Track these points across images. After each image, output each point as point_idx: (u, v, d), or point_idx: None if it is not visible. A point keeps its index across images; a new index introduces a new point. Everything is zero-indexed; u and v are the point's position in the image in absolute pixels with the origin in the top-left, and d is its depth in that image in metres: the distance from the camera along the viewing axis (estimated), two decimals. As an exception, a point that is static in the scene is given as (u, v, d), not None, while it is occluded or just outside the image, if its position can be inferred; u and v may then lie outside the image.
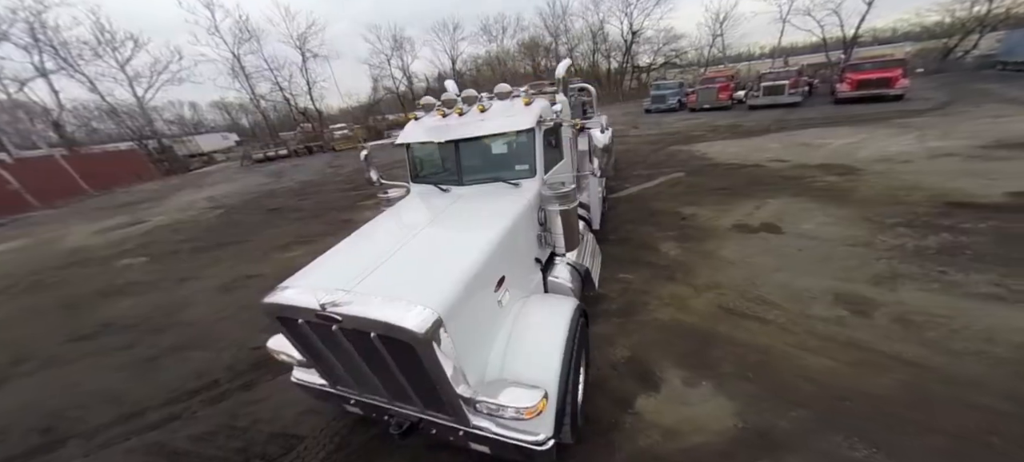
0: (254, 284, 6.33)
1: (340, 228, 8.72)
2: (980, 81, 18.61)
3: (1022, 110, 11.49)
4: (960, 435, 2.43)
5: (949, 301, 3.77)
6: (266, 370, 4.04)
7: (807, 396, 2.90)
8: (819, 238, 5.28)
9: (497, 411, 2.05)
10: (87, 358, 4.85)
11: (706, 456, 2.56)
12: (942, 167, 7.47)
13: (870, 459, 2.35)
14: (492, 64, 45.95)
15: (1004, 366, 2.95)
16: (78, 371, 4.60)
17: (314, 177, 18.00)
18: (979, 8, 27.15)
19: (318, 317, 2.06)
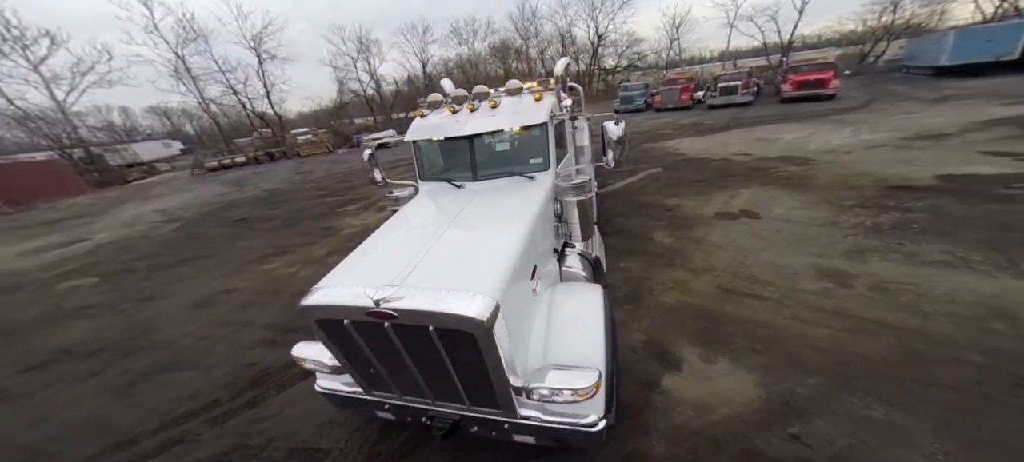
0: (233, 299, 5.80)
1: (321, 237, 8.24)
2: (891, 83, 21.08)
3: (928, 107, 13.13)
4: (955, 387, 2.71)
5: (911, 269, 4.21)
6: (269, 385, 3.72)
7: (815, 364, 3.11)
8: (792, 221, 5.71)
9: (550, 396, 2.01)
10: (49, 388, 4.21)
11: (739, 426, 2.66)
12: (878, 156, 8.36)
13: (888, 417, 2.55)
14: (463, 67, 45.45)
15: (968, 324, 3.33)
16: (42, 403, 3.98)
17: (281, 185, 16.86)
18: (886, 18, 30.95)
19: (369, 315, 1.93)
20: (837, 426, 2.52)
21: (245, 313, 5.27)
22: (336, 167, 19.93)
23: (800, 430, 2.53)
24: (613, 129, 3.55)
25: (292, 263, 6.90)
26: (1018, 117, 10.18)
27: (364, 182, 14.25)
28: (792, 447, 2.43)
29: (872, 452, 2.32)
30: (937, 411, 2.54)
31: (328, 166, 20.87)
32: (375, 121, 40.27)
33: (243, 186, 18.36)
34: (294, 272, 6.47)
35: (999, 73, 18.47)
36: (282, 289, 5.84)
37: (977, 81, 17.59)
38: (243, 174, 23.55)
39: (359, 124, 40.08)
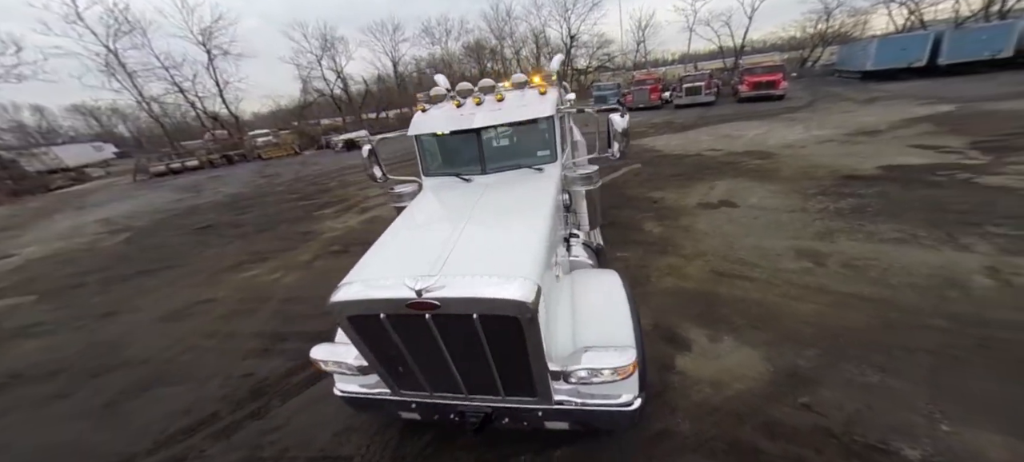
0: (212, 310, 5.33)
1: (301, 242, 7.77)
2: (828, 84, 23.19)
3: (862, 107, 14.57)
4: (932, 351, 3.01)
5: (873, 247, 4.65)
6: (272, 395, 3.46)
7: (809, 337, 3.36)
8: (766, 208, 6.13)
9: (588, 378, 2.01)
10: (6, 416, 3.66)
11: (755, 400, 2.80)
12: (828, 150, 9.16)
13: (884, 382, 2.78)
14: (437, 66, 44.50)
15: (928, 293, 3.74)
16: (4, 431, 3.48)
17: (245, 189, 15.71)
18: (821, 26, 34.18)
19: (410, 307, 1.84)
20: (842, 393, 2.73)
21: (229, 323, 4.86)
22: (306, 169, 18.86)
23: (810, 399, 2.71)
24: (619, 121, 3.63)
25: (273, 270, 6.45)
26: (933, 115, 11.54)
27: (340, 184, 13.63)
28: (807, 415, 2.60)
29: (879, 415, 2.52)
30: (923, 374, 2.81)
31: (297, 169, 19.70)
32: (344, 121, 38.52)
33: (200, 191, 16.93)
34: (277, 279, 6.05)
35: (911, 78, 20.92)
36: (267, 296, 5.45)
37: (896, 84, 19.77)
38: (198, 179, 21.71)
39: (326, 124, 38.19)
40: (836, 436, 2.40)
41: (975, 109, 11.70)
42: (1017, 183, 5.96)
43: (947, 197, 5.78)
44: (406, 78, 43.86)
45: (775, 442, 2.43)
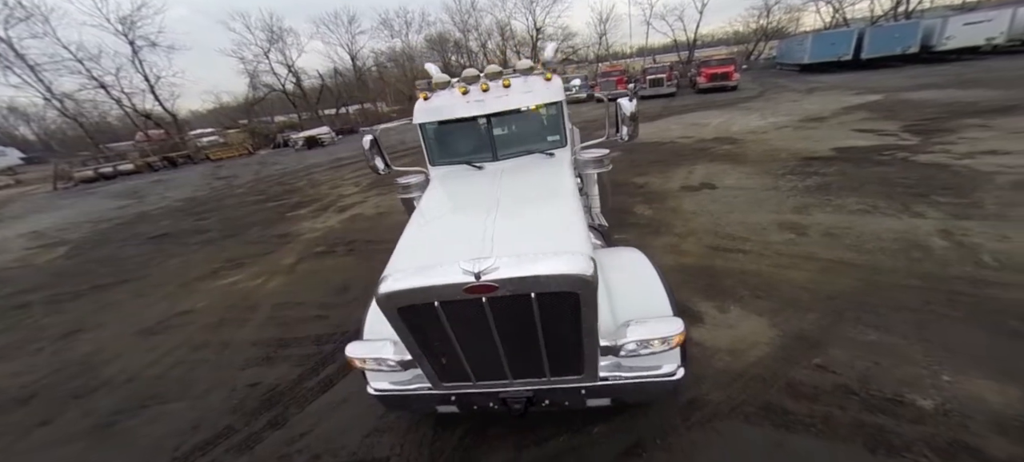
0: (195, 321, 4.84)
1: (280, 245, 7.23)
2: (772, 76, 25.02)
3: (805, 96, 15.83)
4: (914, 309, 3.32)
5: (844, 218, 5.09)
6: (288, 403, 3.21)
7: (808, 302, 3.61)
8: (744, 188, 6.51)
9: (636, 350, 2.03)
10: None
11: (773, 364, 2.95)
12: (785, 135, 9.89)
13: (883, 339, 3.03)
14: (398, 60, 42.76)
15: (898, 255, 4.14)
16: None
17: (200, 193, 14.37)
18: (763, 22, 36.96)
19: (467, 291, 1.78)
20: (849, 352, 2.94)
21: (219, 333, 4.43)
22: (266, 170, 17.56)
23: (822, 360, 2.91)
24: (627, 106, 3.67)
25: (255, 275, 5.95)
26: (867, 104, 12.80)
27: (310, 183, 12.84)
28: (823, 375, 2.77)
29: (888, 371, 2.74)
30: (913, 330, 3.10)
31: (255, 169, 18.29)
32: (300, 118, 36.18)
33: (144, 197, 15.29)
34: (261, 285, 5.59)
35: (840, 70, 23.10)
36: (255, 303, 5.02)
37: (829, 76, 21.70)
38: (137, 184, 19.61)
39: (281, 122, 35.69)
40: (855, 392, 2.59)
41: (898, 98, 13.10)
42: (946, 160, 6.74)
43: (893, 173, 6.44)
44: (365, 72, 41.85)
45: (800, 402, 2.58)
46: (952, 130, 8.47)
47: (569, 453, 2.51)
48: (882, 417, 2.38)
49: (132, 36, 29.15)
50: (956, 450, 2.12)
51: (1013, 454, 2.06)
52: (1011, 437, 2.16)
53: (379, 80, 42.21)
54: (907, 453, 2.13)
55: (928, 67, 20.24)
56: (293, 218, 8.87)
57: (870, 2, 32.36)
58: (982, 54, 21.55)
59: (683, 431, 2.51)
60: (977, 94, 11.91)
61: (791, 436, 2.35)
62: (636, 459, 2.39)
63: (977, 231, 4.39)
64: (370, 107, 40.62)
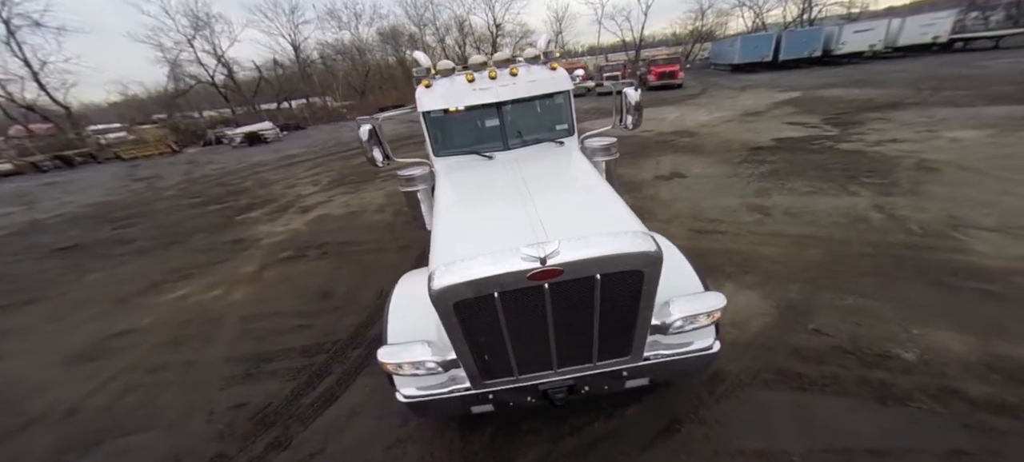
0: (142, 341, 4.08)
1: (236, 252, 6.38)
2: (709, 75, 27.29)
3: (741, 93, 17.45)
4: (873, 273, 3.76)
5: (798, 199, 5.65)
6: (288, 421, 2.82)
7: (786, 273, 3.93)
8: (709, 176, 6.98)
9: (682, 327, 2.06)
10: None
11: (774, 332, 3.15)
12: (732, 128, 10.79)
13: (858, 303, 3.37)
14: (348, 53, 39.71)
15: (848, 227, 4.67)
16: None
17: (115, 197, 12.26)
18: (698, 25, 40.40)
19: (531, 278, 1.68)
20: (834, 316, 3.24)
21: (178, 353, 3.77)
22: (199, 170, 15.48)
23: (816, 325, 3.17)
24: (632, 95, 3.71)
25: (210, 286, 5.17)
26: (790, 100, 14.41)
27: (258, 183, 11.54)
28: (820, 338, 3.02)
29: (871, 329, 3.05)
30: (878, 291, 3.49)
31: (185, 169, 16.03)
32: (234, 113, 32.34)
33: (35, 203, 12.76)
34: (221, 296, 4.87)
35: (763, 70, 25.87)
36: (218, 317, 4.35)
37: (755, 75, 24.17)
38: (21, 187, 16.35)
39: (211, 117, 31.68)
40: (850, 352, 2.85)
41: (813, 95, 14.92)
42: (863, 147, 7.78)
43: (826, 160, 7.29)
44: (310, 64, 38.55)
45: (808, 364, 2.79)
46: (861, 123, 9.80)
47: (607, 438, 2.48)
48: (879, 372, 2.64)
49: (7, 13, 23.97)
50: (946, 395, 2.41)
51: (989, 393, 2.39)
52: (983, 379, 2.50)
53: (326, 73, 39.08)
54: (911, 402, 2.39)
55: (829, 69, 23.36)
56: (246, 222, 7.88)
57: (783, 9, 36.86)
58: (865, 58, 25.43)
59: (712, 404, 2.58)
60: (870, 92, 13.95)
61: (810, 397, 2.52)
62: (675, 435, 2.42)
63: (901, 205, 5.10)
64: (317, 101, 37.53)
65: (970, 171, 5.94)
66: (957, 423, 2.23)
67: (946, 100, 11.12)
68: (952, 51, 24.02)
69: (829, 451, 2.16)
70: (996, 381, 2.47)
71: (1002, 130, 7.72)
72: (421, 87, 3.57)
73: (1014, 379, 2.46)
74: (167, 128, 26.65)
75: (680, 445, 2.34)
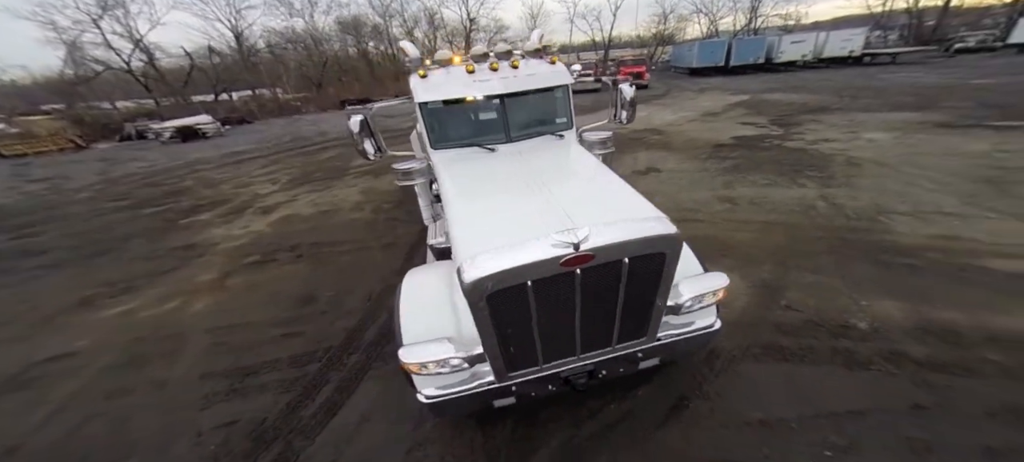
0: (81, 364, 3.59)
1: (187, 259, 5.80)
2: (670, 78, 29.13)
3: (700, 95, 18.86)
4: (826, 252, 4.33)
5: (758, 190, 6.29)
6: (290, 435, 2.68)
7: (758, 256, 4.39)
8: (682, 170, 7.54)
9: (691, 306, 2.26)
10: None
11: (755, 309, 3.52)
12: (696, 127, 11.67)
13: (819, 280, 3.86)
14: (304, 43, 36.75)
15: (803, 214, 5.30)
16: None
17: (6, 200, 10.47)
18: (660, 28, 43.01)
19: (564, 264, 1.77)
20: (801, 293, 3.70)
21: (140, 373, 3.38)
22: (120, 169, 13.68)
23: (787, 301, 3.60)
24: (627, 91, 3.93)
25: (162, 299, 4.66)
26: (741, 102, 15.85)
27: (202, 182, 10.50)
28: (793, 314, 3.43)
29: (830, 303, 3.52)
30: (832, 268, 4.04)
31: (100, 168, 14.05)
32: (157, 104, 28.80)
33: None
34: (178, 308, 4.42)
35: (716, 75, 28.20)
36: (183, 331, 3.95)
37: (710, 79, 26.25)
38: None
39: (128, 109, 27.90)
40: (819, 324, 3.28)
41: (759, 98, 16.55)
42: (804, 146, 8.81)
43: (776, 156, 8.18)
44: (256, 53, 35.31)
45: (788, 337, 3.17)
46: (800, 124, 11.08)
47: (624, 419, 2.64)
48: (843, 341, 3.08)
49: None
50: (897, 358, 2.87)
51: (928, 353, 2.89)
52: (920, 341, 3.01)
53: (276, 63, 35.97)
54: (872, 366, 2.82)
55: (770, 75, 26.04)
56: (193, 226, 7.14)
57: (733, 18, 40.64)
58: (798, 67, 28.68)
59: (713, 379, 2.86)
60: (804, 97, 15.78)
61: (794, 368, 2.88)
62: (684, 411, 2.64)
63: (840, 195, 5.89)
64: (266, 93, 34.43)
65: (886, 167, 6.99)
66: (910, 382, 2.67)
67: (862, 107, 12.87)
68: (862, 64, 27.82)
69: (818, 416, 2.48)
70: (931, 342, 2.99)
71: (905, 133, 9.14)
72: (416, 77, 3.51)
73: (944, 340, 3.00)
74: (66, 120, 23.08)
75: (690, 420, 2.57)
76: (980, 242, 4.30)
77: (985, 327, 3.08)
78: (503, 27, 44.73)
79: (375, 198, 7.61)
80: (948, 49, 30.62)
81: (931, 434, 2.31)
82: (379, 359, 3.34)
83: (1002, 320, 3.13)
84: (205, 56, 32.91)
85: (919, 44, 33.07)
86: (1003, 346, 2.88)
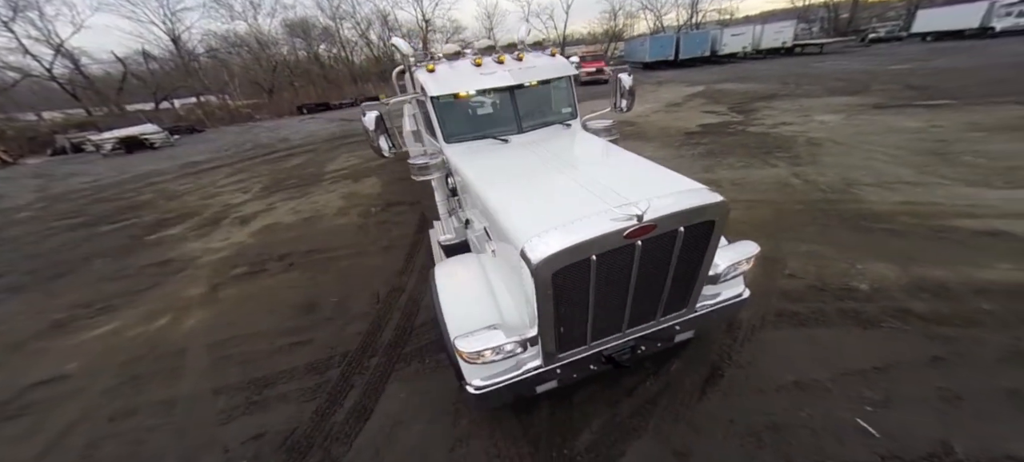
0: (75, 389, 3.13)
1: (164, 275, 5.25)
2: (625, 73, 29.84)
3: (659, 88, 19.38)
4: (811, 223, 4.55)
5: (737, 172, 6.54)
6: (326, 443, 2.44)
7: (752, 232, 4.43)
8: (661, 157, 7.50)
9: (727, 274, 2.30)
10: None
11: (762, 280, 3.58)
12: (663, 117, 12.01)
13: (810, 248, 4.05)
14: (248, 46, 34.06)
15: (782, 191, 5.57)
16: None
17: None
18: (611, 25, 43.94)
19: (628, 236, 1.75)
20: (799, 261, 3.85)
21: (145, 393, 2.98)
22: (58, 185, 12.18)
23: (790, 270, 3.75)
24: (627, 80, 3.92)
25: (150, 316, 4.15)
26: (699, 93, 16.50)
27: (161, 195, 9.56)
28: (797, 281, 3.57)
29: (828, 267, 3.70)
30: (821, 238, 4.25)
31: (36, 185, 12.42)
32: (89, 114, 25.78)
33: None
34: (170, 325, 3.95)
35: (667, 68, 29.24)
36: (183, 347, 3.53)
37: (663, 72, 27.11)
38: None
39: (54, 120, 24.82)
40: (822, 288, 3.42)
41: (714, 88, 17.31)
42: (765, 130, 9.28)
43: (743, 140, 8.56)
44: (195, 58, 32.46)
45: (798, 303, 3.28)
46: (756, 110, 11.68)
47: (663, 394, 2.61)
48: (849, 302, 3.22)
49: None
50: (903, 314, 3.03)
51: (929, 308, 3.07)
52: (918, 298, 3.21)
53: (219, 68, 33.28)
54: (883, 324, 2.96)
55: (716, 67, 27.35)
56: (165, 241, 6.43)
57: (676, 13, 42.42)
58: (739, 59, 30.39)
59: (739, 349, 2.90)
60: (752, 86, 16.68)
61: (812, 331, 2.97)
62: (720, 381, 2.65)
63: (809, 172, 6.24)
64: (213, 100, 31.80)
65: (842, 145, 7.50)
66: (922, 336, 2.82)
67: (805, 93, 13.78)
68: (794, 54, 29.93)
69: (847, 373, 2.56)
70: (927, 298, 3.19)
71: (849, 115, 9.87)
72: (424, 72, 3.35)
73: (938, 295, 3.21)
74: (-8, 135, 20.29)
75: (728, 388, 2.58)
76: (942, 206, 4.68)
77: (971, 280, 3.33)
78: (459, 28, 44.13)
79: (359, 202, 7.21)
80: (864, 39, 33.68)
81: (955, 383, 2.42)
82: (400, 361, 3.14)
83: (984, 274, 3.40)
84: (140, 62, 29.88)
85: (838, 35, 36.12)
86: (991, 296, 3.12)
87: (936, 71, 15.05)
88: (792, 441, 2.18)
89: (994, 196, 4.76)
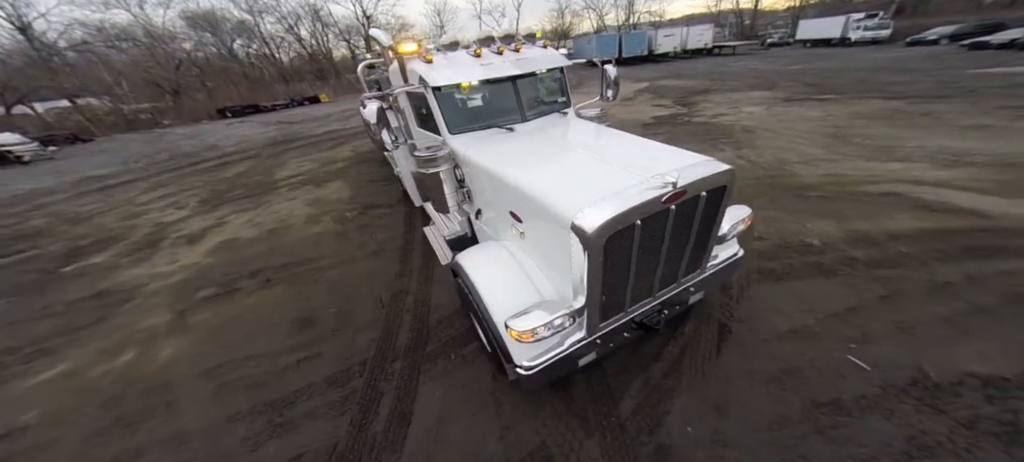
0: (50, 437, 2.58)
1: (111, 306, 4.55)
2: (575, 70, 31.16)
3: (604, 84, 20.62)
4: (762, 195, 5.25)
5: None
6: (375, 453, 2.34)
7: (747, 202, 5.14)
8: (627, 148, 8.28)
9: (729, 234, 2.64)
10: None
11: (773, 248, 4.08)
12: (619, 110, 12.79)
13: (768, 213, 4.68)
14: (132, 38, 29.23)
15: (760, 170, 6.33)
16: None
17: None
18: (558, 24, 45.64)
19: (666, 201, 1.95)
20: (763, 226, 4.44)
21: (141, 433, 2.55)
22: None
23: (759, 234, 4.31)
24: (612, 71, 4.22)
25: (108, 353, 3.54)
26: (645, 88, 17.83)
27: (61, 219, 8.09)
28: (764, 242, 4.12)
29: (786, 229, 4.32)
30: (773, 205, 4.94)
31: None
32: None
33: None
34: (140, 359, 3.42)
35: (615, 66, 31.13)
36: (167, 381, 3.08)
37: (607, 71, 28.80)
38: None
39: None
40: (786, 246, 4.02)
41: (657, 84, 18.84)
42: (708, 120, 10.39)
43: (692, 129, 9.52)
44: (57, 52, 27.16)
45: (772, 261, 3.80)
46: (696, 103, 12.98)
47: (685, 353, 2.88)
48: (810, 256, 3.82)
49: None
50: (850, 261, 3.67)
51: (868, 255, 3.74)
52: (856, 246, 3.89)
53: (97, 65, 28.10)
54: (839, 273, 3.55)
55: (653, 65, 29.72)
56: (87, 271, 5.46)
57: (615, 14, 45.48)
58: (670, 58, 33.39)
59: (736, 306, 3.29)
60: (688, 83, 18.46)
61: (789, 284, 3.47)
62: (730, 336, 2.99)
63: (750, 154, 7.16)
64: (94, 103, 26.76)
65: (771, 131, 8.69)
66: (869, 278, 3.43)
67: (731, 88, 15.59)
68: (713, 54, 33.63)
69: (829, 317, 3.04)
70: (862, 246, 3.91)
71: (769, 106, 11.40)
72: (422, 62, 3.34)
73: (869, 244, 3.93)
74: None
75: (739, 342, 2.93)
76: (852, 176, 5.69)
77: (887, 230, 4.13)
78: (407, 26, 42.55)
79: (330, 208, 6.78)
80: (763, 43, 38.93)
81: (905, 316, 2.97)
82: (426, 361, 3.09)
83: (894, 224, 4.24)
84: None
85: (744, 39, 41.43)
86: (904, 240, 3.91)
87: (820, 71, 17.85)
88: (808, 382, 2.53)
89: (882, 168, 5.90)
